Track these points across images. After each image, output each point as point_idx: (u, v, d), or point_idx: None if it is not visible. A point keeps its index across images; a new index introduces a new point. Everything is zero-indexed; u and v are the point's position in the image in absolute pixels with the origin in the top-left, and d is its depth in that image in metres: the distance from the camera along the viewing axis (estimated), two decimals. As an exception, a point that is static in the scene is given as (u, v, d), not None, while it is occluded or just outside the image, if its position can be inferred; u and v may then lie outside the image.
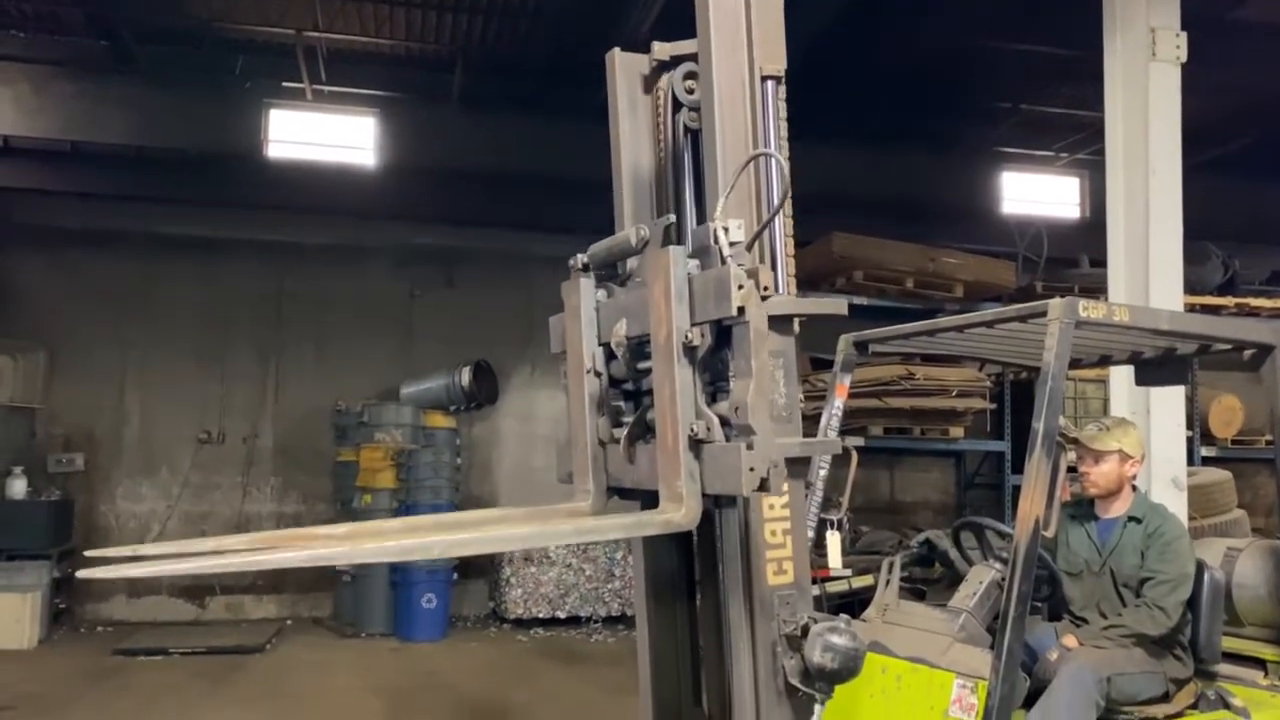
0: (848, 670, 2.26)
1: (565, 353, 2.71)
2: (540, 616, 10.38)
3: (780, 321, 2.42)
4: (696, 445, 2.30)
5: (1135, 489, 4.03)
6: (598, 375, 2.64)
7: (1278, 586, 4.10)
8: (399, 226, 11.15)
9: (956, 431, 10.34)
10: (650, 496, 2.47)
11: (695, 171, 2.73)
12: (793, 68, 2.60)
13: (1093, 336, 3.82)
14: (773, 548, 2.42)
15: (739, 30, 2.52)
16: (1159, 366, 4.34)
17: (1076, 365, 4.32)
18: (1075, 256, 10.97)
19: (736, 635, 2.43)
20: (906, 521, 11.60)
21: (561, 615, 10.42)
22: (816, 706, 2.38)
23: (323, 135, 10.90)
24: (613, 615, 10.53)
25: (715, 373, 2.40)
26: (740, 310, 2.22)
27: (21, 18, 9.35)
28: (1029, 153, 12.38)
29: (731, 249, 2.29)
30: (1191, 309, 7.81)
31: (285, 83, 10.26)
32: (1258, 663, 4.08)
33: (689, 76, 2.70)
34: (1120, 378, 5.70)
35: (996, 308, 6.63)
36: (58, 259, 10.64)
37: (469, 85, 10.28)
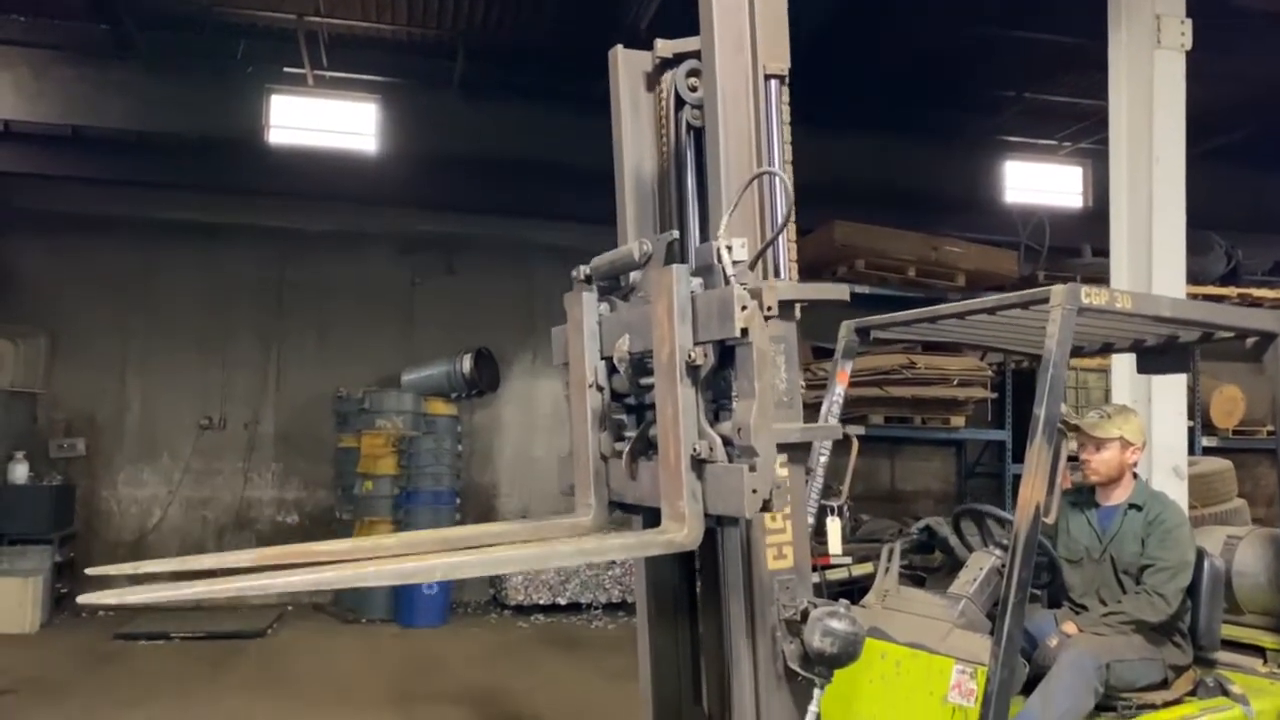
0: (847, 655, 2.27)
1: (567, 364, 2.71)
2: (541, 603, 10.41)
3: (782, 307, 2.42)
4: (699, 465, 2.30)
5: (1136, 476, 4.03)
6: (600, 389, 2.64)
7: (1277, 575, 4.10)
8: (400, 213, 11.13)
9: (957, 420, 10.34)
10: (652, 512, 2.47)
11: (698, 170, 2.72)
12: (796, 54, 2.58)
13: (1095, 324, 3.81)
14: (772, 533, 2.43)
15: (742, 29, 2.50)
16: (1161, 354, 4.34)
17: (1078, 353, 4.31)
18: (1078, 246, 10.94)
19: (735, 623, 2.43)
20: (907, 510, 11.60)
21: (562, 602, 10.45)
22: (816, 691, 2.39)
23: (324, 121, 10.90)
24: (613, 602, 10.56)
25: (718, 391, 2.39)
26: (744, 331, 2.21)
27: (22, 2, 9.33)
28: (1032, 141, 12.36)
29: (735, 268, 2.28)
30: (1194, 299, 7.79)
31: (286, 68, 10.24)
32: (1257, 650, 4.08)
33: (692, 74, 2.69)
34: (1122, 366, 5.69)
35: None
36: (59, 244, 10.63)
37: (470, 72, 10.26)
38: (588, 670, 7.87)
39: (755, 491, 2.18)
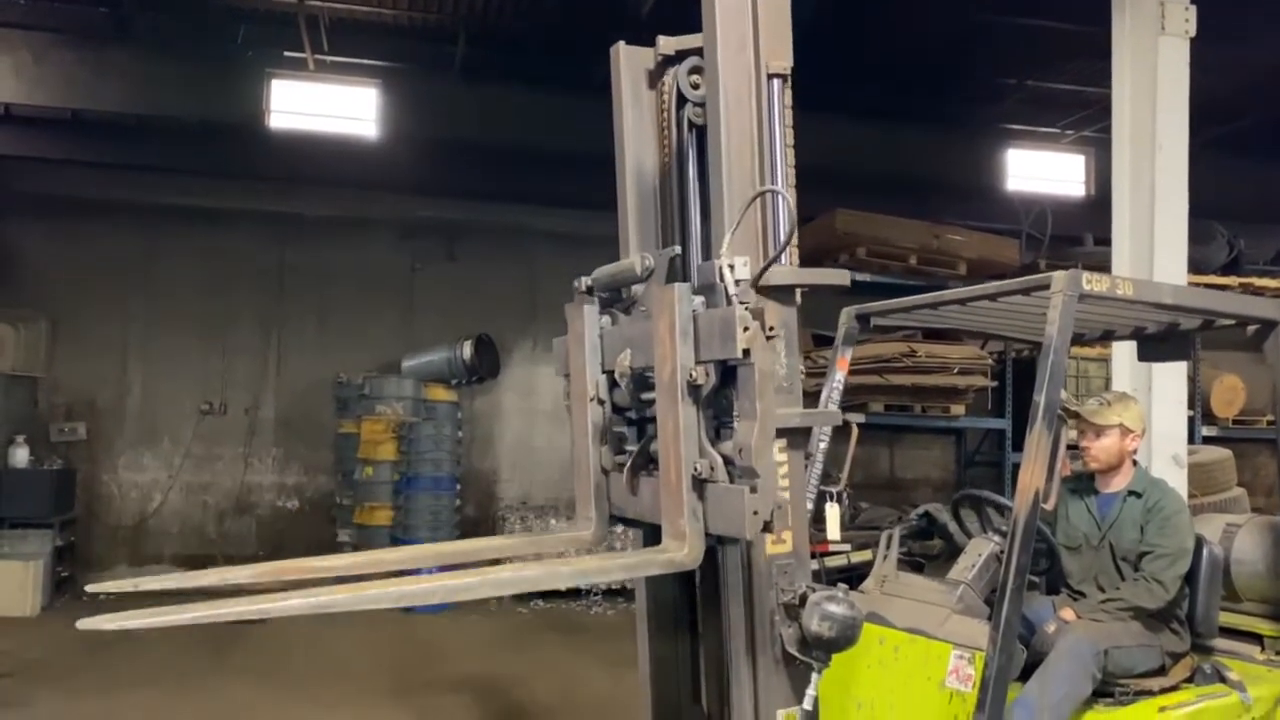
0: (845, 639, 2.27)
1: (569, 376, 2.70)
2: (541, 589, 10.43)
3: (782, 292, 2.42)
4: (700, 484, 2.29)
5: (1136, 464, 4.02)
6: (601, 403, 2.63)
7: (1276, 562, 4.10)
8: (400, 199, 11.12)
9: (957, 409, 10.34)
10: (653, 528, 2.47)
11: (700, 168, 2.71)
12: (798, 42, 2.56)
13: (1095, 311, 3.80)
14: (772, 520, 2.43)
15: (745, 27, 2.48)
16: (1161, 342, 4.33)
17: (1079, 341, 4.30)
18: (1080, 234, 10.92)
19: (734, 611, 2.43)
20: (906, 498, 11.62)
21: (562, 588, 10.45)
22: (814, 675, 2.39)
23: (324, 106, 10.87)
24: (613, 589, 10.56)
25: (719, 409, 2.38)
26: (745, 352, 2.20)
27: (22, -15, 9.31)
28: (1034, 130, 12.32)
29: (737, 287, 2.27)
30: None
31: (287, 52, 10.21)
32: (1254, 638, 4.09)
33: (694, 71, 2.67)
34: (1122, 353, 5.69)
35: (1000, 284, 6.59)
36: (59, 228, 10.62)
37: (471, 57, 10.23)
38: (586, 656, 7.89)
39: (756, 513, 2.18)
